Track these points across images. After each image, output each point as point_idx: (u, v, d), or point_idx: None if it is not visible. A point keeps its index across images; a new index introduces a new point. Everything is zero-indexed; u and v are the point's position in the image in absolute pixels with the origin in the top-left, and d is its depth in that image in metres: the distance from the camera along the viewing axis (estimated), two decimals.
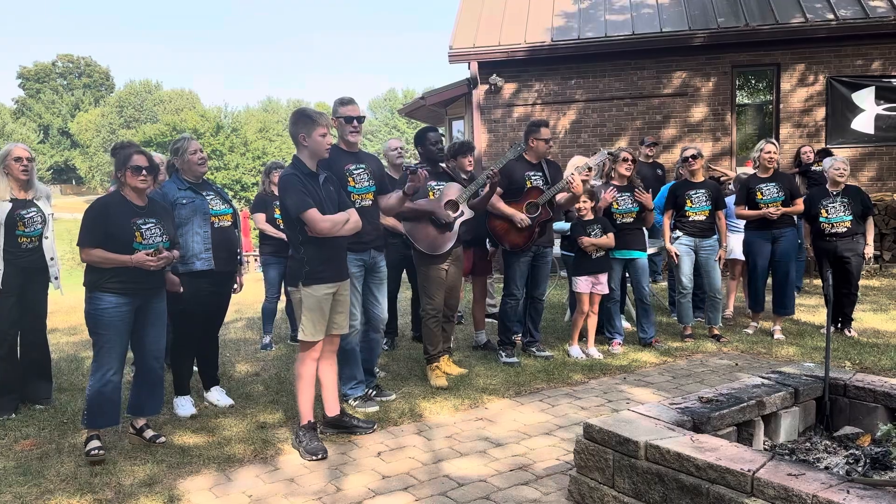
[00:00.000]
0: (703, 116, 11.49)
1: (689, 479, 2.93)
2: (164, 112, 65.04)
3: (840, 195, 6.54)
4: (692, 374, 5.61)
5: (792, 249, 6.64)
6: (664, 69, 11.55)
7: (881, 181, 10.83)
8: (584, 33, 11.62)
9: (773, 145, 6.68)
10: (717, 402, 3.66)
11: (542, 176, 5.93)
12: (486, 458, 3.97)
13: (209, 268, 4.74)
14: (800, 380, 3.97)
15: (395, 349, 6.57)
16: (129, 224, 4.04)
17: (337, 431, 4.36)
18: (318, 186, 4.13)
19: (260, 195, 7.04)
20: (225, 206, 4.97)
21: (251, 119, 62.30)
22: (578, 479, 3.40)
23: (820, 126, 11.13)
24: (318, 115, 4.19)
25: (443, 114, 15.24)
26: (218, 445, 4.22)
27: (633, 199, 6.24)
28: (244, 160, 52.21)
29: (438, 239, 5.24)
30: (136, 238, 4.04)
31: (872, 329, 6.82)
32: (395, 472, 3.80)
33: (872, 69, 10.90)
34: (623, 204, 6.23)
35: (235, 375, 5.91)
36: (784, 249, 6.59)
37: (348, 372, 4.76)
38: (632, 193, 6.26)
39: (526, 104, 11.93)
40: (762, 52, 11.24)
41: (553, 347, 6.36)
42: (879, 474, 3.03)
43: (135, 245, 4.03)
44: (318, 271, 4.09)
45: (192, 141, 4.86)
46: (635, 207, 6.23)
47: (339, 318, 4.25)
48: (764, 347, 6.33)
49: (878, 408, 3.72)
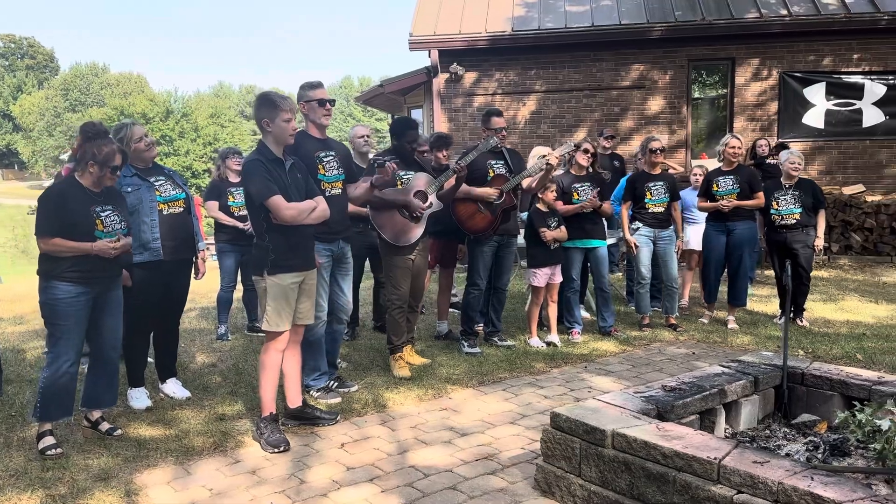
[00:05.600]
0: (659, 109, 11.64)
1: (655, 468, 2.96)
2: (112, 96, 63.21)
3: (792, 188, 6.69)
4: (651, 362, 5.69)
5: (746, 242, 6.77)
6: (622, 61, 11.65)
7: (830, 175, 11.14)
8: (544, 24, 11.64)
9: (738, 140, 6.78)
10: (680, 390, 3.71)
11: (504, 164, 5.92)
12: (452, 447, 3.95)
13: (157, 258, 4.55)
14: (759, 368, 4.05)
15: (355, 339, 6.50)
16: (88, 212, 3.88)
17: (299, 423, 4.29)
18: (283, 173, 4.04)
19: (214, 182, 6.86)
20: (177, 190, 4.73)
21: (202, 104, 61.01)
22: (545, 468, 3.41)
23: (773, 120, 11.38)
24: (283, 99, 4.08)
25: (401, 102, 15.14)
26: (176, 438, 4.11)
27: (594, 189, 6.28)
28: (195, 146, 51.15)
29: (406, 229, 5.18)
30: (97, 226, 3.89)
31: (823, 319, 7.01)
32: (360, 464, 3.75)
33: (823, 65, 11.18)
34: (583, 194, 6.27)
35: (191, 367, 5.76)
36: (738, 241, 6.71)
37: (312, 363, 4.68)
38: (592, 183, 6.30)
39: (486, 93, 11.91)
40: (718, 46, 11.43)
41: (514, 337, 6.38)
42: (839, 461, 3.10)
43: (96, 233, 3.88)
44: (283, 259, 4.00)
45: (135, 127, 4.62)
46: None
47: (304, 307, 4.16)
48: (719, 337, 6.46)
49: (835, 396, 3.81)
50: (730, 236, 6.73)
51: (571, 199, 6.27)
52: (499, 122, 5.88)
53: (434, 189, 5.25)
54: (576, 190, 6.28)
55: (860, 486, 2.56)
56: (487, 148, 5.64)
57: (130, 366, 4.72)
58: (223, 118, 58.25)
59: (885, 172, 11.19)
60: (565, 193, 6.27)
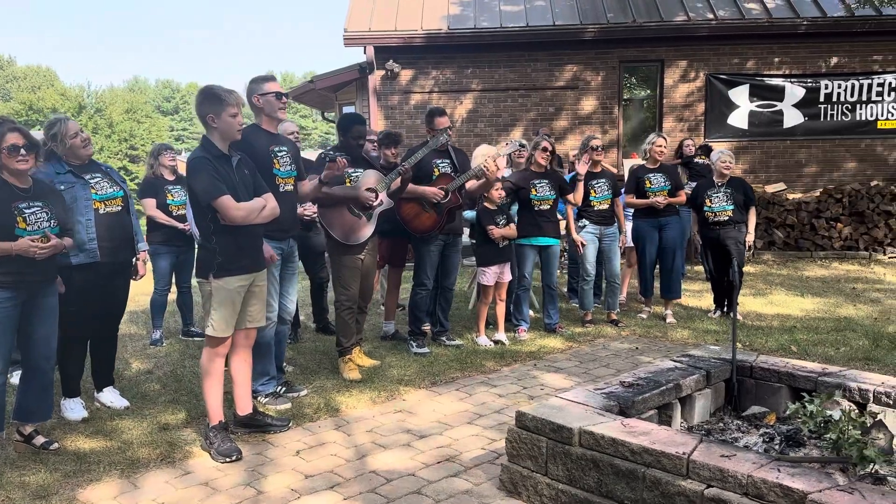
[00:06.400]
0: (592, 109, 11.85)
1: (624, 464, 2.97)
2: (19, 90, 59.80)
3: (724, 186, 6.92)
4: (597, 358, 5.77)
5: (678, 237, 7.00)
6: (556, 62, 11.81)
7: (754, 174, 11.60)
8: (479, 23, 11.67)
9: (664, 139, 7.04)
10: (638, 386, 3.76)
11: (450, 163, 5.88)
12: (412, 450, 3.89)
13: (94, 260, 4.30)
14: (709, 363, 4.15)
15: (298, 342, 6.34)
16: (9, 208, 3.62)
17: (250, 431, 4.13)
18: (231, 170, 3.87)
19: (148, 179, 6.55)
20: (114, 188, 4.50)
21: (117, 99, 58.44)
22: (510, 468, 3.39)
23: (700, 120, 11.77)
24: (228, 93, 3.90)
25: (333, 99, 14.91)
26: (119, 450, 3.89)
27: (551, 187, 6.32)
28: (110, 143, 49.06)
29: (356, 227, 5.07)
30: (19, 223, 3.63)
31: (755, 313, 7.28)
32: (318, 471, 3.64)
33: (747, 68, 11.64)
34: (540, 191, 6.30)
35: (127, 374, 5.48)
36: (670, 237, 6.93)
37: (261, 367, 4.50)
38: (549, 181, 6.35)
39: (423, 91, 11.85)
40: (648, 48, 11.73)
41: (461, 336, 6.35)
42: (794, 451, 3.20)
43: (17, 231, 3.61)
44: (231, 262, 3.83)
45: (69, 122, 4.35)
46: (552, 195, 6.31)
47: (254, 310, 4.01)
48: (659, 331, 6.61)
49: (782, 388, 3.94)
50: (662, 231, 6.94)
51: (529, 194, 6.28)
52: (443, 122, 5.84)
53: (384, 187, 5.16)
54: (534, 186, 6.30)
55: (824, 475, 2.64)
56: (437, 145, 5.58)
57: (66, 376, 4.44)
58: (139, 113, 55.93)
59: (804, 171, 11.75)
60: (522, 189, 6.30)
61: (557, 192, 6.37)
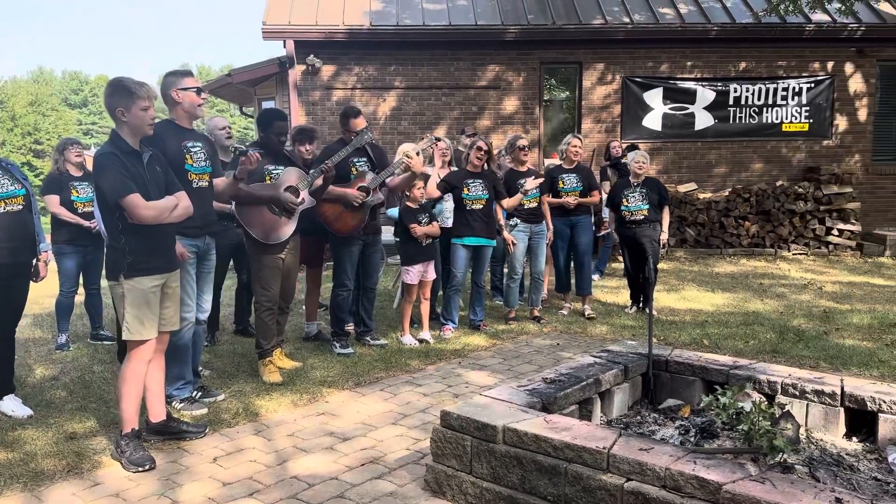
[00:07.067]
0: (514, 109, 11.99)
1: (546, 460, 3.00)
2: None
3: (640, 186, 7.14)
4: (520, 354, 5.83)
5: (587, 234, 7.23)
6: (479, 62, 11.88)
7: (667, 174, 12.00)
8: (402, 20, 11.61)
9: (579, 140, 7.29)
10: (560, 382, 3.81)
11: (367, 160, 5.81)
12: (335, 453, 3.82)
13: None
14: (627, 357, 4.25)
15: (215, 345, 6.14)
16: None
17: (163, 438, 3.96)
18: (141, 166, 3.69)
19: (52, 175, 6.22)
20: (15, 186, 4.29)
21: (20, 91, 55.38)
22: (435, 468, 3.37)
23: (616, 122, 12.08)
24: (139, 86, 3.72)
25: (252, 93, 14.54)
26: (21, 462, 3.66)
27: (484, 187, 6.34)
28: (12, 136, 46.53)
29: (276, 226, 4.94)
30: None
31: (668, 308, 7.53)
32: (236, 478, 3.53)
33: (661, 71, 12.02)
34: (473, 190, 6.31)
35: (30, 381, 5.18)
36: (581, 234, 7.18)
37: (176, 371, 4.32)
38: (484, 181, 6.37)
39: (346, 87, 11.70)
40: (567, 50, 11.96)
41: (385, 335, 6.30)
42: (709, 442, 3.31)
43: None
44: (142, 262, 3.67)
45: None
46: (485, 195, 6.34)
47: (168, 312, 3.84)
48: (579, 327, 6.75)
49: (696, 381, 4.07)
50: (573, 230, 7.15)
51: (462, 194, 6.28)
52: (358, 124, 5.70)
53: (306, 185, 5.05)
54: (467, 185, 6.30)
55: (737, 466, 2.73)
56: (360, 144, 5.50)
57: None
58: (45, 106, 53.28)
59: (714, 172, 12.24)
60: (455, 188, 6.29)
61: (492, 192, 6.40)
